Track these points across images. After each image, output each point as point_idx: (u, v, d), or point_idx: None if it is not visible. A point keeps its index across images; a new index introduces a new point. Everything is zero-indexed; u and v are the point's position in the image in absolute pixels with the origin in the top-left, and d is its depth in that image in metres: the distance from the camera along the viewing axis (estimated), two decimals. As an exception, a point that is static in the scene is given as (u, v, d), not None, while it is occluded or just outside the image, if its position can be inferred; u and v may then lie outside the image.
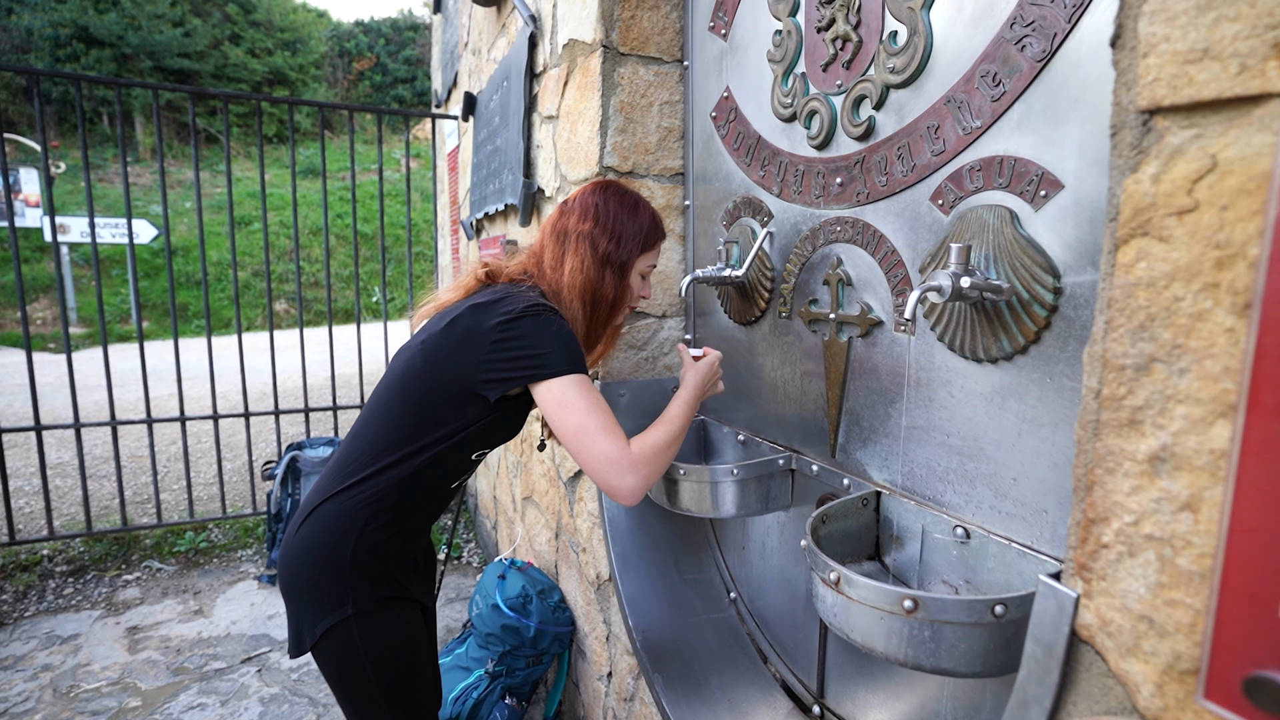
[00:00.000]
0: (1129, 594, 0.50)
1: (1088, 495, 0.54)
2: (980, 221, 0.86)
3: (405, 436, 1.08)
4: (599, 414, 1.01)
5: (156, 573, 3.04)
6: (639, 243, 1.18)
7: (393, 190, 12.08)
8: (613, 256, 1.16)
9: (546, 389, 1.02)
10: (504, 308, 1.05)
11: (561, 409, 1.01)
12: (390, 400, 1.11)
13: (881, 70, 1.00)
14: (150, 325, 10.52)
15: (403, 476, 1.08)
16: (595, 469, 1.01)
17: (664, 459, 1.07)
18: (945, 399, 0.96)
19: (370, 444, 1.10)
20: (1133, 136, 0.49)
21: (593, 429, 1.00)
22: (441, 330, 1.09)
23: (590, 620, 1.81)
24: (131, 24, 15.46)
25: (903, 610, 0.77)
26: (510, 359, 1.03)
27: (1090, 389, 0.53)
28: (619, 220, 1.17)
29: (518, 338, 1.03)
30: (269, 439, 4.70)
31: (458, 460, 1.12)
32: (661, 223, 1.23)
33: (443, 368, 1.07)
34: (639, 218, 1.19)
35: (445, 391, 1.07)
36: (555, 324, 1.05)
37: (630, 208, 1.19)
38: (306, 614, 1.09)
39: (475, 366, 1.05)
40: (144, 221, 8.88)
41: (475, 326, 1.05)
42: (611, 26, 1.53)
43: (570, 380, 1.02)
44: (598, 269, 1.15)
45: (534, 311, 1.04)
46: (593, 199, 1.19)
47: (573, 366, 1.03)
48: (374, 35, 22.55)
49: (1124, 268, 0.50)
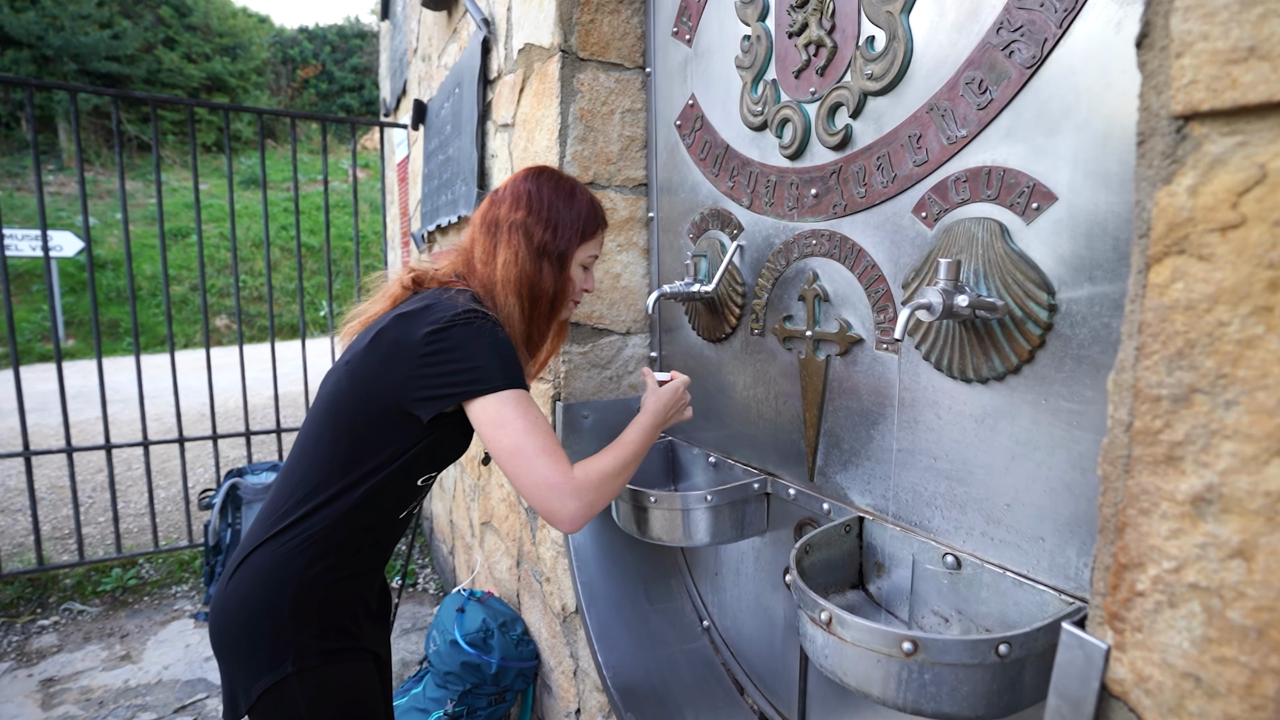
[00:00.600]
0: (1170, 648, 0.45)
1: (1119, 537, 0.49)
2: (968, 235, 0.82)
3: (339, 469, 0.98)
4: (537, 434, 0.92)
5: (78, 615, 2.79)
6: (577, 231, 1.09)
7: (340, 201, 11.73)
8: (549, 246, 1.06)
9: (480, 407, 0.93)
10: (432, 316, 0.96)
11: (497, 428, 0.92)
12: (319, 430, 1.01)
13: (859, 77, 0.96)
14: (78, 343, 9.90)
15: (341, 513, 0.98)
16: (532, 493, 0.92)
17: (611, 486, 0.97)
18: (932, 420, 0.91)
19: (302, 480, 0.99)
20: (1165, 145, 0.44)
21: (530, 450, 0.91)
22: (366, 346, 0.99)
23: (556, 654, 1.71)
24: (53, 24, 14.62)
25: (901, 653, 0.71)
26: (440, 374, 0.93)
27: (1119, 421, 0.48)
28: (554, 207, 1.08)
29: (448, 350, 0.93)
30: (207, 464, 4.44)
31: (402, 488, 1.02)
32: (601, 209, 1.14)
33: (370, 387, 0.97)
34: (576, 204, 1.10)
35: (376, 413, 0.97)
36: (489, 332, 0.96)
37: (566, 193, 1.10)
38: (241, 674, 0.97)
39: (405, 383, 0.95)
40: (68, 233, 8.35)
41: (402, 339, 0.96)
42: (570, 30, 1.46)
43: (506, 397, 0.93)
44: (533, 260, 1.05)
45: (465, 319, 0.95)
46: (525, 185, 1.09)
47: (509, 381, 0.94)
48: (319, 42, 21.95)
49: (1157, 289, 0.45)
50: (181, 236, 11.84)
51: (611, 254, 1.56)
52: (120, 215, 12.43)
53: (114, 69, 15.64)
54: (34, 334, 9.91)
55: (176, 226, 12.12)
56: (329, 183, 3.14)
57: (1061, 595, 0.77)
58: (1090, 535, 0.74)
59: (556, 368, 1.55)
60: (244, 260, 11.76)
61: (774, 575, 1.28)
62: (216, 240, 11.86)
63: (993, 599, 0.85)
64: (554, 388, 1.57)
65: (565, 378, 1.55)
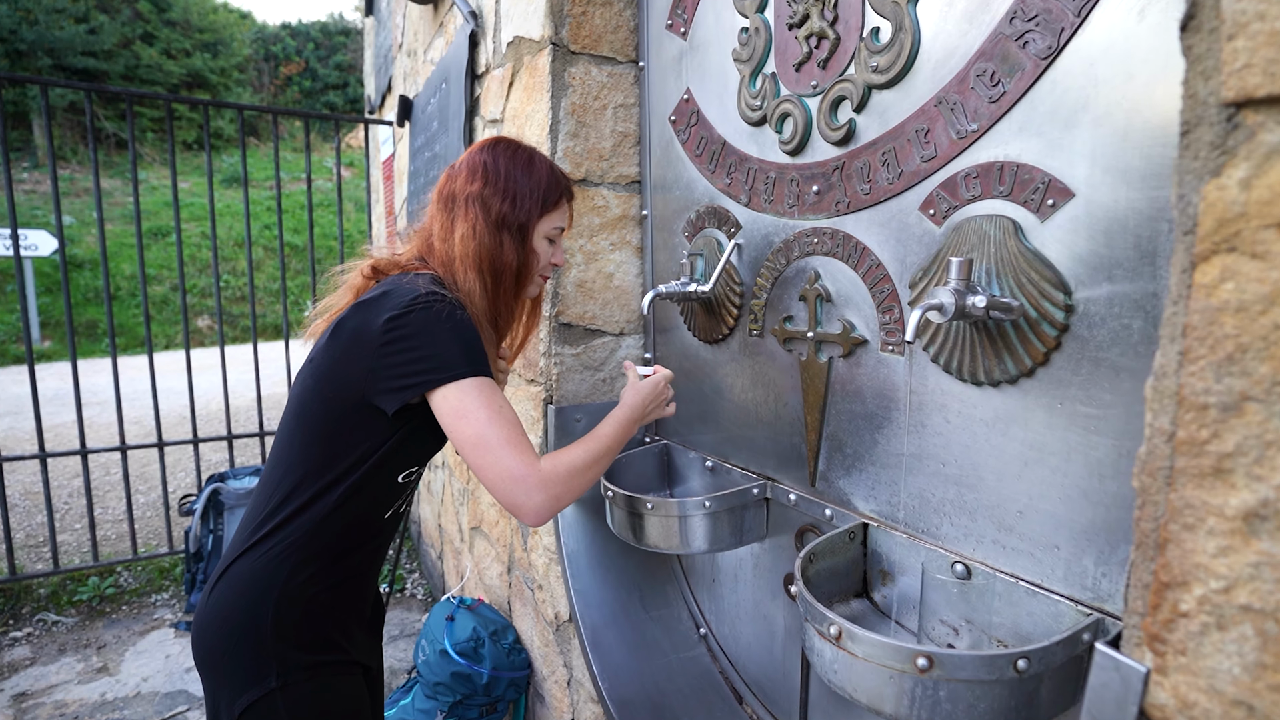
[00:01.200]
0: (1219, 673, 0.43)
1: (1159, 554, 0.46)
2: (979, 233, 0.79)
3: (313, 471, 0.94)
4: (501, 424, 0.88)
5: (52, 626, 2.71)
6: (538, 201, 1.03)
7: (324, 200, 11.59)
8: (509, 218, 1.01)
9: (442, 397, 0.88)
10: (389, 303, 0.91)
11: (458, 419, 0.88)
12: (291, 433, 0.97)
13: (863, 70, 0.93)
14: (55, 344, 9.69)
15: (320, 517, 0.93)
16: (496, 486, 0.88)
17: (581, 480, 0.94)
18: (940, 424, 0.88)
19: (278, 486, 0.95)
20: (1214, 134, 0.41)
21: (493, 441, 0.87)
22: (328, 340, 0.95)
23: (549, 663, 1.67)
24: (26, 18, 14.30)
25: (916, 669, 0.68)
26: (400, 364, 0.89)
27: (1160, 430, 0.45)
28: (511, 177, 1.02)
29: (406, 337, 0.89)
30: (188, 468, 4.34)
31: (381, 486, 0.98)
32: (564, 178, 1.09)
33: (335, 383, 0.93)
34: (535, 172, 1.04)
35: (344, 410, 0.93)
36: (448, 316, 0.91)
37: (524, 162, 1.04)
38: (224, 690, 0.93)
39: (367, 376, 0.90)
40: (44, 232, 8.17)
41: (361, 329, 0.91)
42: (561, 23, 1.42)
43: (468, 385, 0.88)
44: (492, 233, 1.00)
45: (423, 303, 0.90)
46: (480, 157, 1.04)
47: (471, 368, 0.89)
48: (302, 39, 21.68)
49: (1204, 289, 0.42)
50: (161, 235, 11.64)
51: (604, 253, 1.52)
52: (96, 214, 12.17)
53: (90, 64, 15.34)
54: (8, 335, 9.70)
55: (156, 225, 11.91)
56: (313, 181, 3.07)
57: (1078, 606, 0.74)
58: (1109, 544, 0.71)
59: (548, 370, 1.51)
60: (226, 260, 11.57)
61: (773, 582, 1.25)
62: (198, 239, 11.67)
63: (1005, 609, 0.82)
64: (545, 390, 1.53)
65: (557, 380, 1.51)
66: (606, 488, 1.25)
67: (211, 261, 2.86)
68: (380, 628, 1.17)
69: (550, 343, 1.50)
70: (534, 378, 1.58)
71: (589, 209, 1.49)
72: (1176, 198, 0.45)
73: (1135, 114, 0.65)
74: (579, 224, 1.48)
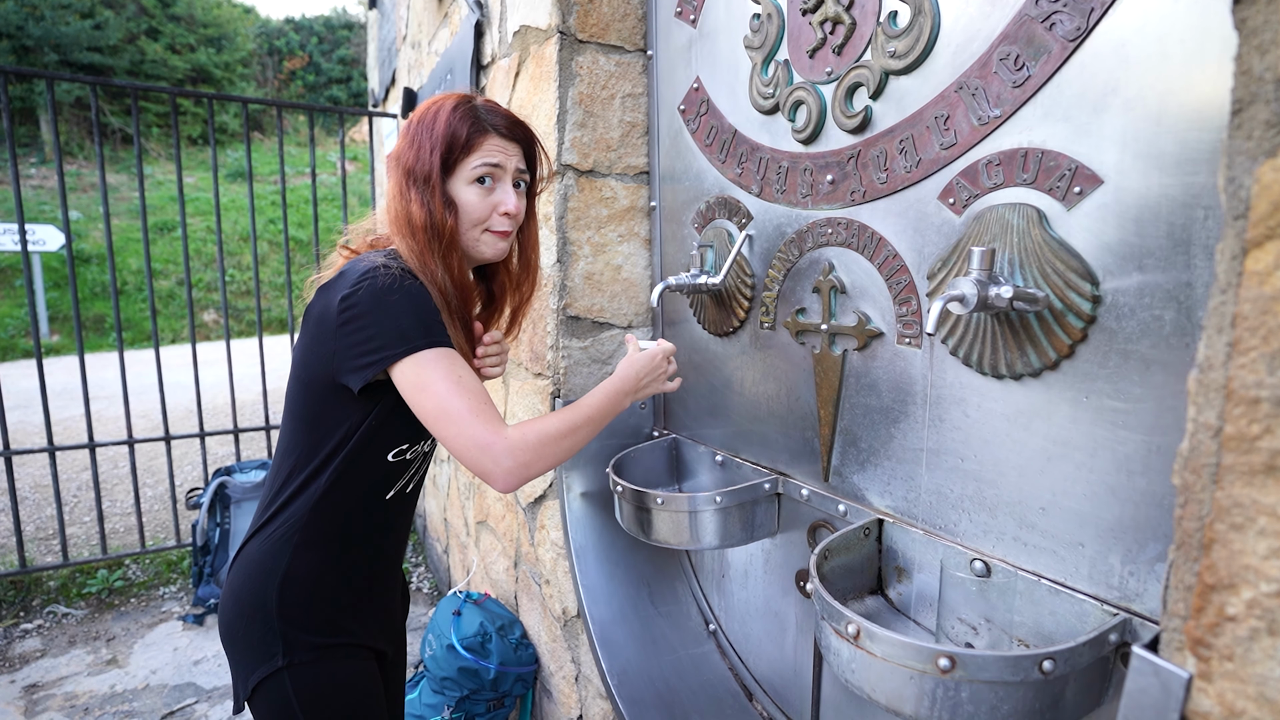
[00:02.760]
0: (1270, 680, 0.41)
1: (1204, 555, 0.44)
2: (1002, 222, 0.77)
3: (305, 455, 0.95)
4: (462, 393, 0.86)
5: (62, 619, 2.72)
6: (439, 143, 0.95)
7: (328, 194, 11.58)
8: (414, 171, 0.95)
9: (400, 372, 0.86)
10: (345, 282, 0.89)
11: (419, 392, 0.86)
12: (286, 421, 0.99)
13: (880, 55, 0.90)
14: (63, 339, 9.74)
15: (315, 499, 0.95)
16: (463, 455, 0.86)
17: (555, 449, 0.91)
18: (959, 419, 0.86)
19: (279, 470, 0.99)
20: (1270, 113, 0.39)
21: (455, 411, 0.85)
22: (303, 326, 0.96)
23: (557, 658, 1.66)
24: (33, 14, 14.31)
25: (937, 669, 0.67)
26: (357, 343, 0.87)
27: (1205, 425, 0.43)
28: (419, 131, 0.96)
29: (359, 316, 0.87)
30: (195, 462, 4.36)
31: (371, 466, 0.97)
32: (490, 114, 0.99)
33: (310, 368, 0.93)
34: (438, 121, 0.96)
35: (320, 393, 0.93)
36: (397, 287, 0.87)
37: (432, 112, 0.97)
38: (240, 667, 0.97)
39: (331, 357, 0.89)
40: (51, 227, 8.18)
41: (324, 312, 0.91)
42: (569, 11, 1.40)
43: (424, 357, 0.86)
44: (403, 191, 0.95)
45: (369, 277, 0.87)
46: (409, 120, 1.00)
47: (426, 338, 0.87)
48: (306, 33, 21.64)
49: (1256, 276, 0.40)
50: (167, 230, 11.66)
51: (612, 244, 1.50)
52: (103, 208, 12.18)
53: (96, 59, 15.35)
54: (17, 330, 9.75)
55: (162, 220, 11.93)
56: (317, 175, 3.05)
57: (1104, 605, 0.72)
58: (1137, 542, 0.69)
59: (556, 363, 1.50)
60: (231, 254, 11.59)
61: (784, 578, 1.24)
62: (203, 234, 11.68)
63: (1026, 608, 0.80)
64: (553, 384, 1.51)
65: (565, 373, 1.49)
66: (615, 482, 1.23)
67: (217, 256, 2.85)
68: (404, 613, 1.16)
69: (557, 335, 1.48)
70: (541, 371, 1.56)
71: (596, 200, 1.47)
72: (1226, 180, 0.42)
73: (1170, 96, 0.62)
74: (586, 215, 1.46)
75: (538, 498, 1.65)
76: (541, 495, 1.63)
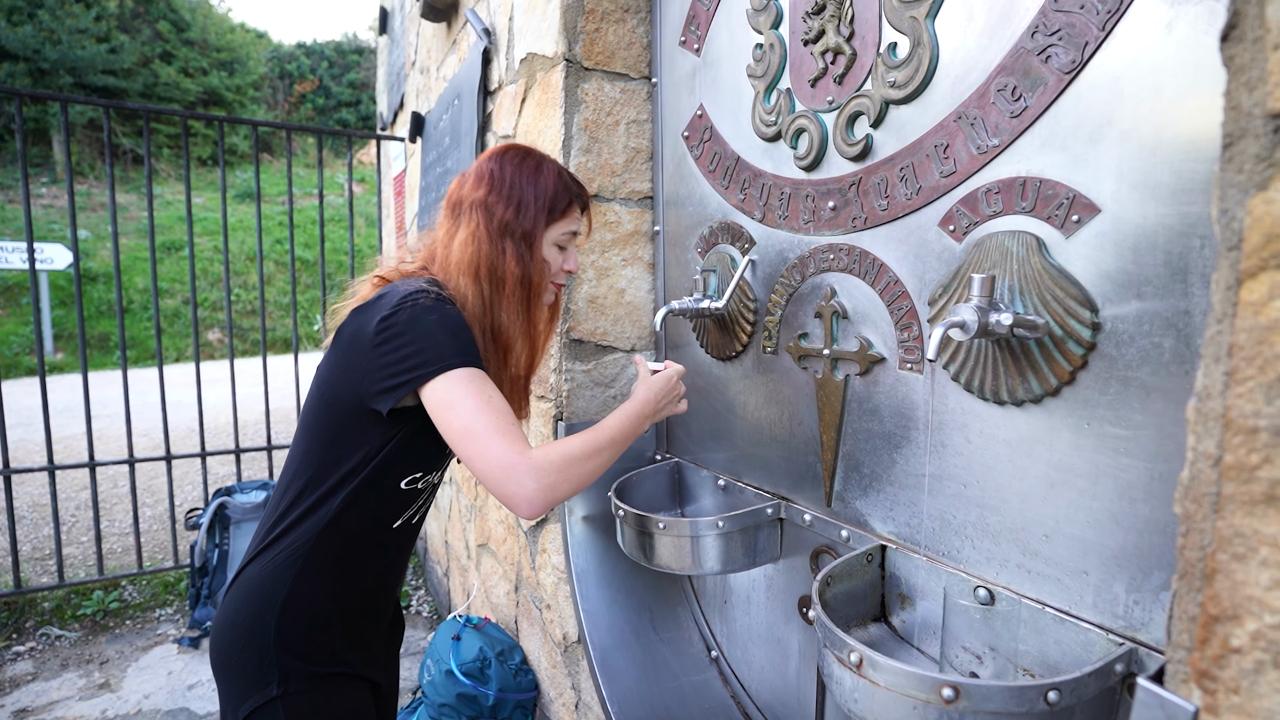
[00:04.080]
0: (1277, 715, 0.40)
1: (1207, 585, 0.44)
2: (1001, 249, 0.78)
3: (316, 477, 0.94)
4: (489, 412, 0.86)
5: (56, 641, 2.69)
6: (544, 207, 1.02)
7: (335, 215, 11.70)
8: (512, 225, 0.99)
9: (431, 390, 0.86)
10: (383, 305, 0.91)
11: (446, 410, 0.86)
12: (298, 439, 0.98)
13: (880, 85, 0.92)
14: (67, 356, 9.78)
15: (324, 523, 0.93)
16: (486, 476, 0.86)
17: (578, 471, 0.90)
18: (961, 445, 0.86)
19: (286, 492, 0.97)
20: (1260, 147, 0.40)
21: (480, 430, 0.85)
22: (330, 347, 0.96)
23: (557, 685, 1.64)
24: (50, 38, 14.61)
25: (941, 699, 0.66)
26: (391, 362, 0.88)
27: (1205, 454, 0.43)
28: (516, 184, 1.01)
29: (395, 335, 0.88)
30: (195, 482, 4.34)
31: (385, 493, 0.97)
32: (575, 183, 1.07)
33: (337, 389, 0.93)
34: (542, 179, 1.03)
35: (343, 415, 0.93)
36: (436, 310, 0.90)
37: (532, 169, 1.03)
38: (231, 695, 0.94)
39: (363, 378, 0.90)
40: (59, 246, 8.27)
41: (358, 332, 0.92)
42: (575, 40, 1.43)
43: (455, 376, 0.86)
44: (493, 240, 0.98)
45: (410, 301, 0.89)
46: (489, 165, 1.04)
47: (460, 358, 0.88)
48: (316, 58, 22.05)
49: (1251, 307, 0.40)
50: (174, 250, 11.77)
51: (616, 268, 1.52)
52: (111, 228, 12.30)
53: (110, 82, 15.63)
54: (22, 347, 9.80)
55: (170, 240, 12.05)
56: (325, 196, 3.09)
57: (1109, 635, 0.71)
58: (1141, 571, 0.69)
59: (559, 386, 1.50)
60: (237, 274, 11.67)
61: (787, 604, 1.22)
62: (210, 254, 11.79)
63: (1031, 636, 0.80)
64: (556, 407, 1.51)
65: (568, 396, 1.49)
66: (617, 506, 1.23)
67: (223, 275, 2.88)
68: (398, 644, 1.15)
69: (561, 359, 1.49)
70: (544, 394, 1.56)
71: (601, 224, 1.49)
72: (1219, 212, 0.43)
73: (1164, 128, 0.64)
74: (590, 239, 1.47)
75: (539, 521, 1.65)
76: (543, 518, 1.62)
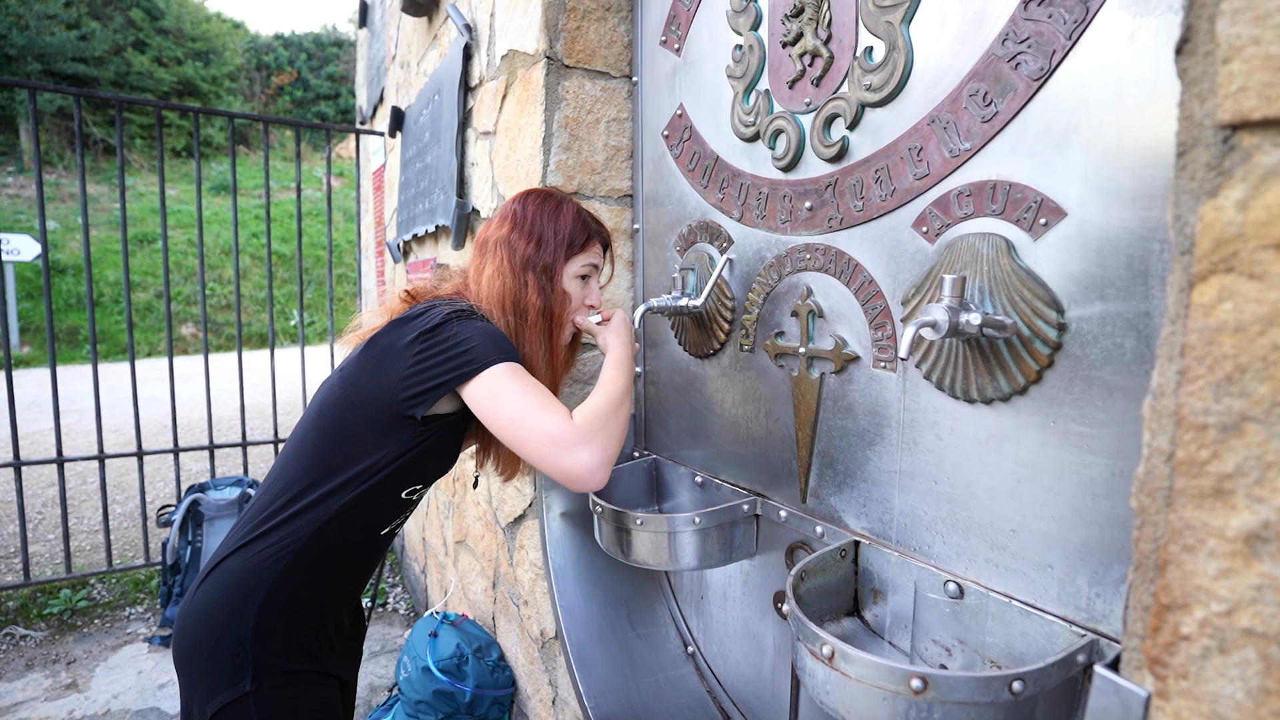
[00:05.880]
0: (1221, 698, 0.42)
1: (1159, 575, 0.45)
2: (972, 251, 0.80)
3: (322, 474, 0.95)
4: (535, 393, 0.92)
5: (20, 640, 2.63)
6: (563, 241, 1.09)
7: (313, 209, 11.52)
8: (533, 260, 1.07)
9: (477, 385, 0.91)
10: (425, 316, 0.97)
11: (495, 399, 0.91)
12: (305, 436, 0.99)
13: (856, 88, 0.93)
14: (34, 350, 9.53)
15: (321, 521, 0.94)
16: (540, 454, 0.90)
17: (615, 425, 0.96)
18: (932, 442, 0.88)
19: (285, 487, 0.96)
20: (1210, 156, 0.41)
21: (527, 409, 0.90)
22: (360, 352, 0.99)
23: (534, 681, 1.64)
24: (17, 23, 14.22)
25: (910, 690, 0.67)
26: (433, 365, 0.93)
27: (1158, 450, 0.45)
28: (537, 222, 1.09)
29: (440, 341, 0.94)
30: (168, 478, 4.27)
31: (385, 499, 0.99)
32: (594, 221, 1.14)
33: (363, 391, 0.96)
34: (561, 217, 1.10)
35: (365, 418, 0.96)
36: (481, 322, 0.98)
37: (552, 209, 1.11)
38: (198, 690, 0.93)
39: (398, 383, 0.94)
40: (27, 237, 8.07)
41: (395, 341, 0.96)
42: (556, 37, 1.43)
43: (500, 369, 0.92)
44: (516, 274, 1.06)
45: (457, 315, 0.97)
46: (513, 206, 1.12)
47: (501, 355, 0.94)
48: (295, 49, 21.69)
49: (1202, 309, 0.42)
50: (147, 242, 11.53)
51: (596, 266, 1.52)
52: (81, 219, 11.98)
53: (81, 70, 15.25)
54: (-13, 341, 9.50)
55: (142, 232, 11.79)
56: (302, 190, 3.05)
57: (1072, 626, 0.73)
58: (1103, 564, 0.71)
59: (538, 383, 1.50)
60: (212, 268, 11.46)
61: (762, 599, 1.24)
62: (184, 247, 11.56)
63: (998, 629, 0.82)
64: (535, 403, 1.51)
65: (547, 393, 1.49)
66: (595, 503, 1.23)
67: (198, 269, 2.83)
68: (359, 642, 1.15)
69: (540, 355, 1.48)
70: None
71: (581, 222, 1.49)
72: (1173, 218, 0.45)
73: (1127, 135, 0.65)
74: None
75: (517, 517, 1.65)
76: (521, 515, 1.62)
